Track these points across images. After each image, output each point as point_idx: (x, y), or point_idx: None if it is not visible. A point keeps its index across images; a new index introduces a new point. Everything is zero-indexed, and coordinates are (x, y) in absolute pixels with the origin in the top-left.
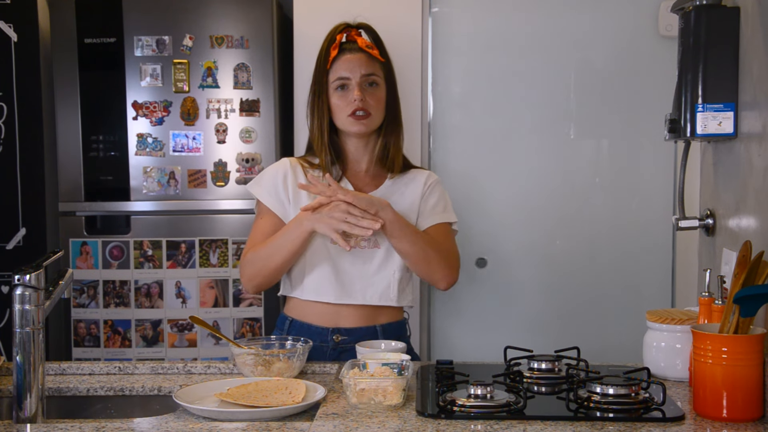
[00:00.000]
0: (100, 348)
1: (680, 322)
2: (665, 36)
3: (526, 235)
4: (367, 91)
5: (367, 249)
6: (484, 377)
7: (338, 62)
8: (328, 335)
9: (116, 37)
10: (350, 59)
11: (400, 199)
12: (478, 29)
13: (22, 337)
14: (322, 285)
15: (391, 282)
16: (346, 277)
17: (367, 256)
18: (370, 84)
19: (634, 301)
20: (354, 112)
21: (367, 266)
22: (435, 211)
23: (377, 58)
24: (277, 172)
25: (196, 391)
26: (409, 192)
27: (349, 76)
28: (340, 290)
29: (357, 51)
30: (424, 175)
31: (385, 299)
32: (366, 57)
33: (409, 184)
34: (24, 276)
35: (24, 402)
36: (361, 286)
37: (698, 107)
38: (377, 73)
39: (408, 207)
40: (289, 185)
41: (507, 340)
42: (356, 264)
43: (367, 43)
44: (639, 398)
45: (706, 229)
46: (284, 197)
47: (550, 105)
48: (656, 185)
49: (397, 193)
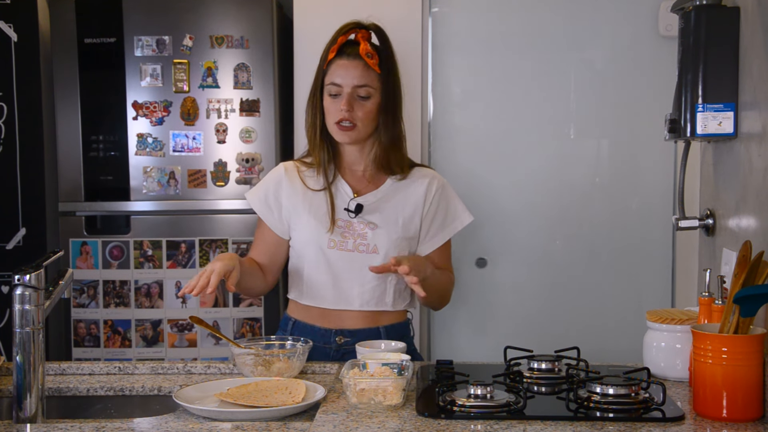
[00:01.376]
0: (100, 348)
1: (680, 322)
2: (665, 36)
3: (527, 235)
4: (357, 103)
5: (365, 254)
6: (484, 377)
7: (334, 66)
8: (332, 336)
9: (116, 37)
10: (345, 66)
11: (403, 202)
12: (478, 29)
13: (22, 337)
14: (320, 291)
15: (387, 288)
16: (344, 283)
17: (363, 262)
18: (361, 96)
19: (634, 301)
20: (339, 121)
21: (364, 272)
22: (439, 230)
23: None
24: (271, 180)
25: (196, 391)
26: (411, 193)
27: (341, 84)
28: (338, 296)
29: (355, 57)
30: (427, 180)
31: (381, 305)
32: (362, 66)
33: (410, 185)
34: (24, 276)
35: (24, 402)
36: (358, 292)
37: (698, 107)
38: (371, 84)
39: (411, 212)
40: (281, 193)
41: (507, 340)
42: (353, 270)
43: (368, 51)
44: (639, 398)
45: (706, 229)
46: (273, 204)
47: (550, 105)
48: (656, 185)
49: (400, 194)
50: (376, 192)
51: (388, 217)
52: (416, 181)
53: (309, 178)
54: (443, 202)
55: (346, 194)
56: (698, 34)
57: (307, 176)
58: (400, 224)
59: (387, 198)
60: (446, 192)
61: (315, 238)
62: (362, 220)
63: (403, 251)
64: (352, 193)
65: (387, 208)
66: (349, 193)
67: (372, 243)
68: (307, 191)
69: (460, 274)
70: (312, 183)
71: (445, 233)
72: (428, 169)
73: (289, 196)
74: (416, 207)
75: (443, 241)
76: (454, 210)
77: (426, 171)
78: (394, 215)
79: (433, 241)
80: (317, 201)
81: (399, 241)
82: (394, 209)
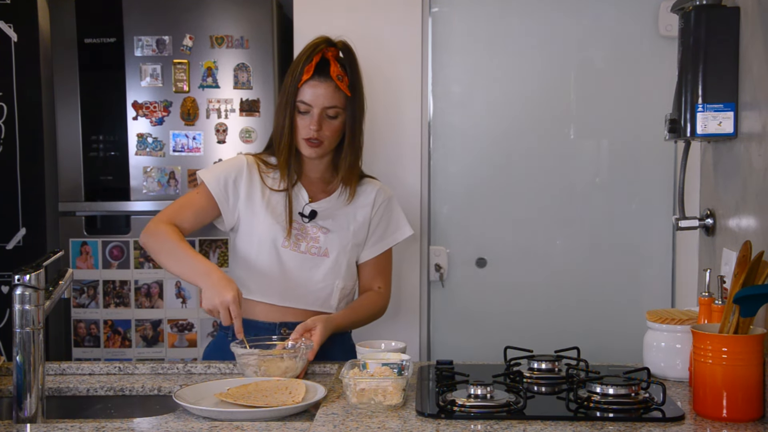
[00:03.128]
0: (100, 348)
1: (680, 322)
2: (665, 36)
3: (526, 235)
4: (325, 122)
5: (317, 256)
6: (484, 377)
7: (307, 86)
8: (276, 329)
9: (116, 37)
10: (317, 86)
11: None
12: (478, 29)
13: (22, 337)
14: (268, 287)
15: (333, 292)
16: (292, 281)
17: (314, 264)
18: (329, 115)
19: (634, 301)
20: (309, 138)
21: (313, 273)
22: (379, 239)
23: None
24: (232, 168)
25: (196, 391)
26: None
27: (311, 104)
28: (284, 293)
29: (326, 78)
30: (375, 190)
31: (325, 307)
32: (333, 88)
33: (360, 195)
34: (24, 276)
35: (24, 402)
36: (303, 292)
37: (698, 107)
38: (339, 105)
39: (361, 220)
40: (240, 184)
41: (507, 340)
42: (303, 269)
43: (339, 73)
44: (639, 398)
45: (706, 229)
46: (231, 193)
47: (550, 105)
48: (656, 185)
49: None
50: (329, 199)
51: (341, 224)
52: (366, 190)
53: (268, 178)
54: (387, 213)
55: (303, 199)
56: (698, 34)
57: (266, 175)
58: (351, 230)
59: (338, 205)
60: (391, 204)
61: (271, 236)
62: (315, 225)
63: (352, 256)
64: (308, 199)
65: (339, 215)
66: (305, 199)
67: (324, 246)
68: (266, 189)
69: (460, 274)
70: (270, 182)
71: (386, 242)
72: (377, 181)
73: (247, 190)
74: (365, 215)
75: (383, 250)
76: (396, 222)
77: (375, 182)
78: (346, 222)
79: (374, 248)
80: (274, 200)
81: (349, 246)
82: (346, 216)
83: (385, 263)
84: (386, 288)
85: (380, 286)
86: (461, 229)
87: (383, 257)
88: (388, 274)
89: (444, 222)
